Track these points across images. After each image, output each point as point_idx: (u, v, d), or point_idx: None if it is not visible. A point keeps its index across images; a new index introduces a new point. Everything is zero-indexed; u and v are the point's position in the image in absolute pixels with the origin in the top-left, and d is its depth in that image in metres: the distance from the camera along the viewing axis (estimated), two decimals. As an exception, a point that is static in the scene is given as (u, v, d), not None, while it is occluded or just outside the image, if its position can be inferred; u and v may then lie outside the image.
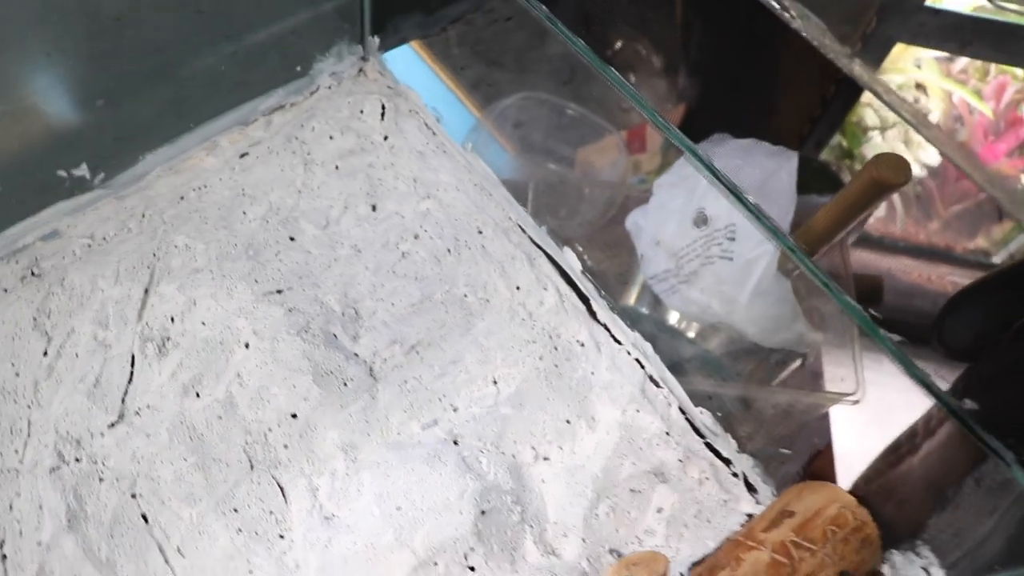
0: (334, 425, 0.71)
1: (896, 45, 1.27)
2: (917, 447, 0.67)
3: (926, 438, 0.66)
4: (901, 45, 1.30)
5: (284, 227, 0.80)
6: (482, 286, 0.79)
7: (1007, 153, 1.47)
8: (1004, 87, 1.46)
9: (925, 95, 1.47)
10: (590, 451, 0.72)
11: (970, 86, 1.48)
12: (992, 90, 1.48)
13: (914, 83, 1.49)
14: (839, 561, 0.61)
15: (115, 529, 0.66)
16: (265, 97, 0.85)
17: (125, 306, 0.74)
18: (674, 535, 0.69)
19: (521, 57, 0.94)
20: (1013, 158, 1.48)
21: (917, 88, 1.48)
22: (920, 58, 1.45)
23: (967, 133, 1.51)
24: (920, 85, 1.48)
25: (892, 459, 0.69)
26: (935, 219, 1.27)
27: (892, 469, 0.69)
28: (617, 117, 1.04)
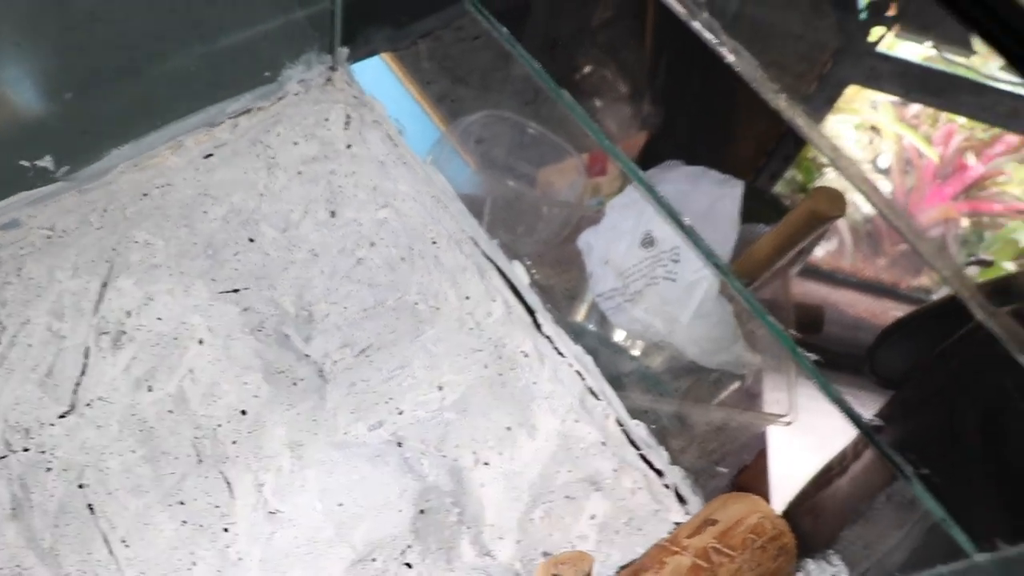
0: (282, 423, 0.73)
1: (850, 86, 1.31)
2: (845, 469, 0.71)
3: (853, 460, 0.70)
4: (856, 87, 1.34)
5: (244, 228, 0.82)
6: (433, 295, 0.81)
7: (952, 197, 1.52)
8: (951, 134, 1.51)
9: (879, 136, 1.52)
10: (529, 458, 0.74)
11: (921, 131, 1.53)
12: (941, 136, 1.52)
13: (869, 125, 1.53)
14: (756, 567, 0.64)
15: (60, 519, 0.67)
16: (233, 100, 0.87)
17: (82, 298, 0.76)
18: (605, 541, 0.72)
19: (486, 76, 0.96)
20: (958, 202, 1.53)
21: (872, 130, 1.53)
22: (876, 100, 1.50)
23: (916, 175, 1.56)
24: (874, 127, 1.53)
25: (822, 481, 0.72)
26: (882, 256, 1.32)
27: (821, 491, 0.72)
28: (580, 140, 1.07)
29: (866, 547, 0.69)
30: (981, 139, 1.50)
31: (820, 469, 0.73)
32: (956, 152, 1.53)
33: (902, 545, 0.65)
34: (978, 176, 1.48)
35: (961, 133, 1.52)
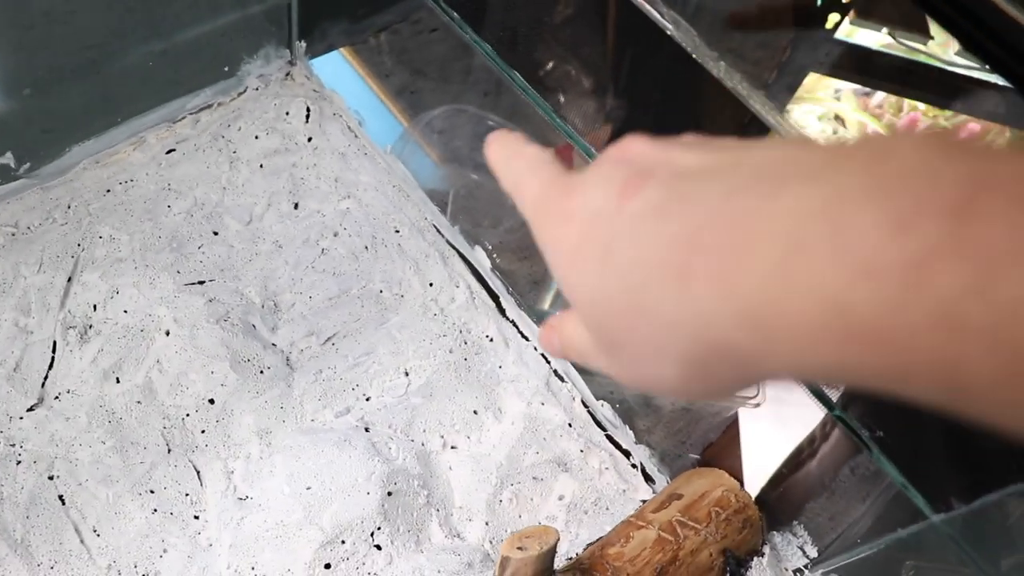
0: (250, 411, 0.73)
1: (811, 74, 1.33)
2: (815, 452, 0.72)
3: (822, 442, 0.71)
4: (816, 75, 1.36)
5: (208, 222, 0.83)
6: (397, 282, 0.82)
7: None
8: (915, 122, 1.53)
9: (843, 126, 1.54)
10: (496, 440, 0.75)
11: (884, 120, 1.55)
12: (904, 125, 1.55)
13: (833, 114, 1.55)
14: (721, 539, 0.65)
15: (31, 510, 0.68)
16: (193, 96, 0.88)
17: (48, 293, 0.76)
18: (574, 521, 0.73)
19: (445, 67, 0.97)
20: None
21: (836, 119, 1.55)
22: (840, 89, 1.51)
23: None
24: (838, 116, 1.55)
25: (794, 464, 0.73)
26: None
27: (794, 474, 0.73)
28: (544, 134, 1.08)
29: (831, 519, 0.71)
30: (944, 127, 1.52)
31: (791, 452, 0.74)
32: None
33: (867, 515, 0.66)
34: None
35: (924, 121, 1.54)
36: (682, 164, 0.25)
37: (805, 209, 0.20)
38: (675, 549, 0.64)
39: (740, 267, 0.21)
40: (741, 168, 0.23)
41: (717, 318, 0.22)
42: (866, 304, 0.19)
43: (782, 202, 0.21)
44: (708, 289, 0.22)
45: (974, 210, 0.18)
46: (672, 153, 0.26)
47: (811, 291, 0.20)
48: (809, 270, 0.20)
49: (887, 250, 0.19)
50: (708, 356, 0.24)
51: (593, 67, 1.17)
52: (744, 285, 0.21)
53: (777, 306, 0.21)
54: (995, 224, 0.18)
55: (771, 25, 0.95)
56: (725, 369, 0.24)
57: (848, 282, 0.20)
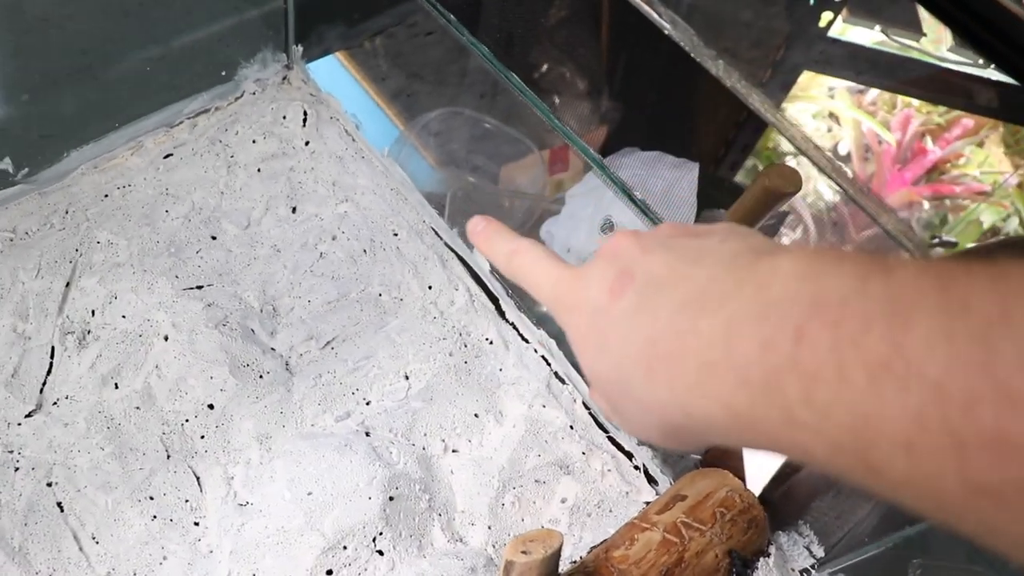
0: (250, 416, 0.73)
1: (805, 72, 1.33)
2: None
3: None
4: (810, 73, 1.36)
5: (206, 226, 0.83)
6: (396, 285, 0.82)
7: (912, 181, 1.55)
8: (909, 119, 1.54)
9: (837, 124, 1.54)
10: (497, 443, 0.75)
11: (879, 117, 1.55)
12: (898, 122, 1.55)
13: (827, 112, 1.55)
14: (727, 540, 0.65)
15: (29, 518, 0.67)
16: (190, 100, 0.87)
17: (46, 299, 0.76)
18: (577, 524, 0.73)
19: (441, 70, 0.97)
20: (919, 186, 1.55)
21: (830, 117, 1.55)
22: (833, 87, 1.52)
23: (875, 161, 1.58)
24: (833, 114, 1.55)
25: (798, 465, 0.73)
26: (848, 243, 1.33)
27: (798, 473, 0.73)
28: (540, 136, 1.08)
29: (838, 518, 0.70)
30: (938, 123, 1.52)
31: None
32: (914, 137, 1.55)
33: (873, 513, 0.66)
34: (937, 159, 1.51)
35: (918, 118, 1.54)
36: (654, 269, 0.33)
37: (713, 333, 0.28)
38: (680, 551, 0.63)
39: (677, 375, 0.30)
40: (689, 283, 0.31)
41: (669, 408, 0.31)
42: (744, 406, 0.27)
43: (702, 325, 0.29)
44: (662, 387, 0.31)
45: (806, 334, 0.25)
46: (649, 255, 0.34)
47: (713, 397, 0.28)
48: (713, 382, 0.28)
49: (754, 367, 0.26)
50: (672, 429, 0.32)
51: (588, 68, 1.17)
52: (679, 388, 0.30)
53: (699, 406, 0.29)
54: (816, 346, 0.25)
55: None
56: (688, 436, 0.32)
57: (732, 390, 0.27)
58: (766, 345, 0.26)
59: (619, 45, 1.16)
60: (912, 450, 0.22)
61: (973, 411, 0.21)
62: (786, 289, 0.27)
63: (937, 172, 1.50)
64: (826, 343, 0.24)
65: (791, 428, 0.25)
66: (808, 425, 0.25)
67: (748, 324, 0.27)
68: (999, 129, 1.42)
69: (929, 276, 0.24)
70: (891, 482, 0.24)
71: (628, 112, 1.20)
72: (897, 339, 0.23)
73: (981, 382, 0.21)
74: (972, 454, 0.21)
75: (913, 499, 0.24)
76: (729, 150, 1.28)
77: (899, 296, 0.24)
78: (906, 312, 0.23)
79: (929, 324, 0.22)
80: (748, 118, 1.23)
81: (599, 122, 1.20)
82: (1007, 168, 1.44)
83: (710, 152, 1.27)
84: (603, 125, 1.21)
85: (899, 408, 0.22)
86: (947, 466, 0.22)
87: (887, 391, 0.23)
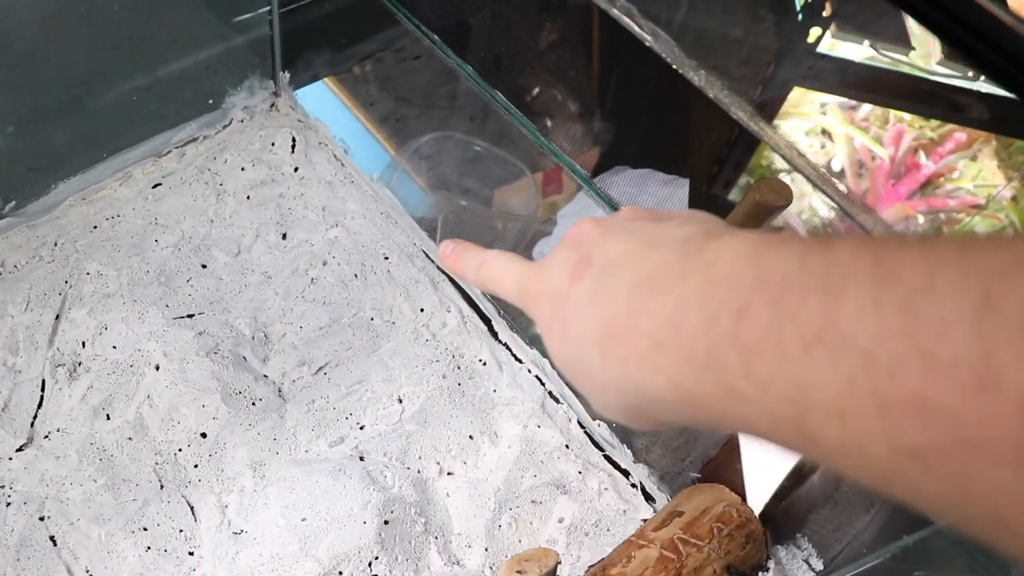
0: (243, 443, 0.72)
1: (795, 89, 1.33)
2: (816, 465, 0.71)
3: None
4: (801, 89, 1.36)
5: (196, 255, 0.82)
6: (388, 309, 0.81)
7: (907, 196, 1.55)
8: (902, 134, 1.54)
9: (830, 140, 1.55)
10: (493, 465, 0.75)
11: (871, 133, 1.55)
12: (891, 137, 1.55)
13: (820, 128, 1.56)
14: (725, 555, 0.64)
15: (22, 552, 0.66)
16: (178, 129, 0.88)
17: (36, 332, 0.76)
18: (575, 543, 0.72)
19: (429, 94, 0.98)
20: (913, 200, 1.55)
21: (823, 134, 1.55)
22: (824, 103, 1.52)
23: (869, 176, 1.58)
24: (825, 130, 1.55)
25: (796, 477, 0.73)
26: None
27: (796, 486, 0.72)
28: (535, 159, 1.08)
29: (836, 530, 0.70)
30: (931, 138, 1.53)
31: (793, 465, 0.73)
32: (908, 151, 1.55)
33: (872, 524, 0.65)
34: (931, 174, 1.51)
35: (911, 133, 1.55)
36: (611, 253, 0.33)
37: (663, 313, 0.29)
38: (678, 567, 0.63)
39: (630, 353, 0.30)
40: (643, 265, 0.32)
41: (623, 386, 0.31)
42: (688, 382, 0.28)
43: (652, 305, 0.30)
44: (617, 366, 0.31)
45: (748, 311, 0.26)
46: (608, 239, 0.34)
47: (663, 374, 0.29)
48: (662, 359, 0.29)
49: (699, 343, 0.27)
50: (630, 407, 0.32)
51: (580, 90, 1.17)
52: (631, 367, 0.30)
53: (650, 383, 0.30)
54: (756, 322, 0.25)
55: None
56: (644, 414, 0.32)
57: (679, 367, 0.28)
58: (710, 323, 0.27)
59: (610, 67, 1.16)
60: (844, 417, 0.23)
61: (897, 376, 0.22)
62: (732, 268, 0.27)
63: (931, 186, 1.50)
64: (765, 318, 0.25)
65: (734, 402, 0.26)
66: (750, 398, 0.25)
67: (695, 303, 0.28)
68: (992, 142, 1.42)
69: (865, 249, 0.24)
70: (825, 450, 0.24)
71: (620, 133, 1.20)
72: (830, 310, 0.24)
73: (905, 348, 0.22)
74: (897, 418, 0.22)
75: (846, 466, 0.24)
76: (722, 168, 1.29)
77: (834, 269, 0.24)
78: (840, 284, 0.24)
79: (860, 294, 0.23)
80: (740, 135, 1.24)
81: (592, 143, 1.20)
82: (1000, 181, 1.44)
83: (703, 171, 1.27)
84: (596, 146, 1.21)
85: (831, 377, 0.23)
86: (875, 431, 0.22)
87: (820, 361, 0.23)
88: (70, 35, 0.77)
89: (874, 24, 1.17)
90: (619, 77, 1.18)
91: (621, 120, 1.19)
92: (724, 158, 1.28)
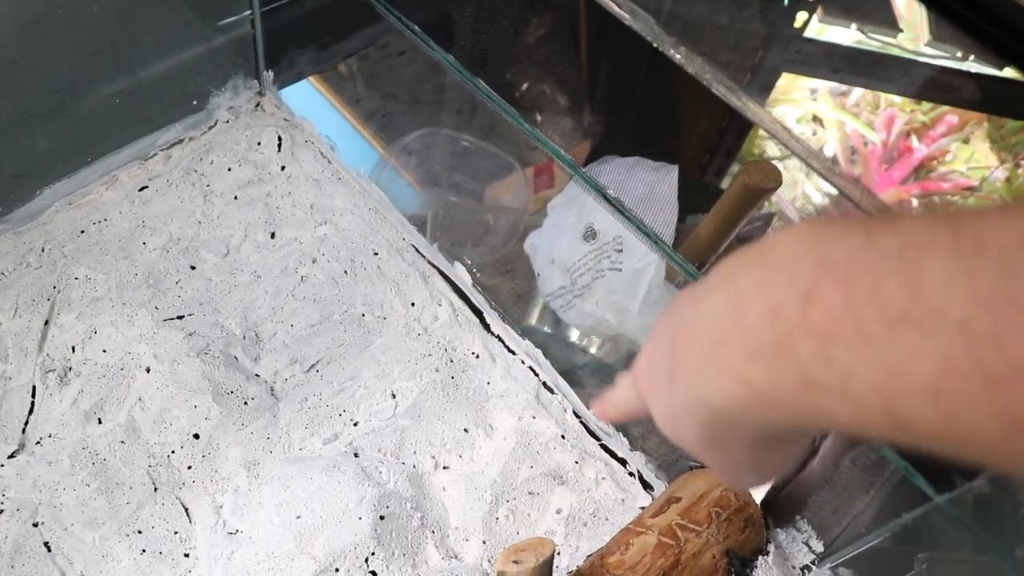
0: (236, 443, 0.72)
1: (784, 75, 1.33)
2: (816, 450, 0.71)
3: (822, 439, 0.70)
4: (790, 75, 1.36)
5: (184, 256, 0.82)
6: (379, 304, 0.81)
7: (900, 180, 1.54)
8: (893, 119, 1.53)
9: (822, 127, 1.54)
10: (488, 457, 0.74)
11: (863, 118, 1.55)
12: (883, 122, 1.55)
13: (811, 115, 1.55)
14: (724, 540, 0.64)
15: (16, 560, 0.66)
16: (164, 132, 0.87)
17: (25, 338, 0.75)
18: (573, 534, 0.72)
19: (415, 89, 0.97)
20: (907, 184, 1.55)
21: (814, 120, 1.55)
22: (816, 89, 1.52)
23: (862, 162, 1.57)
24: (816, 117, 1.55)
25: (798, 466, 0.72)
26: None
27: (794, 471, 0.72)
28: (525, 154, 1.07)
29: (836, 512, 0.69)
30: (923, 121, 1.52)
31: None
32: (900, 136, 1.55)
33: (871, 505, 0.65)
34: (924, 157, 1.50)
35: (902, 117, 1.54)
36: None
37: (721, 309, 0.28)
38: (676, 553, 0.62)
39: (690, 362, 0.29)
40: (697, 289, 0.31)
41: (691, 403, 0.30)
42: (758, 376, 0.26)
43: (707, 304, 0.29)
44: (680, 381, 0.31)
45: (816, 294, 0.24)
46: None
47: (727, 373, 0.28)
48: (725, 356, 0.28)
49: (765, 333, 0.26)
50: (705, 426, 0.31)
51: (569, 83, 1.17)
52: (693, 375, 0.29)
53: (714, 386, 0.28)
54: (828, 305, 0.24)
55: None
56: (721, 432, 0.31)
57: (745, 362, 0.27)
58: (774, 312, 0.26)
59: (599, 59, 1.16)
60: (941, 397, 0.22)
61: (1002, 344, 0.21)
62: (790, 254, 0.26)
63: (924, 170, 1.49)
64: (838, 301, 0.24)
65: (809, 391, 0.25)
66: (828, 386, 0.24)
67: (754, 294, 0.27)
68: (984, 124, 1.42)
69: (938, 222, 0.23)
70: (922, 434, 0.23)
71: (611, 125, 1.20)
72: (913, 286, 0.22)
73: (1008, 313, 0.21)
74: (1004, 389, 0.21)
75: (948, 446, 0.23)
76: (714, 156, 1.28)
77: (909, 244, 0.23)
78: (918, 259, 0.23)
79: (945, 266, 0.22)
80: (730, 122, 1.23)
81: (582, 136, 1.20)
82: (993, 162, 1.44)
83: (695, 159, 1.27)
84: (586, 139, 1.21)
85: (923, 355, 0.22)
86: (979, 407, 0.21)
87: (909, 340, 0.22)
88: (52, 40, 0.76)
89: (860, 7, 1.16)
90: (608, 69, 1.18)
91: (611, 112, 1.19)
92: (715, 146, 1.27)
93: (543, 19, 1.15)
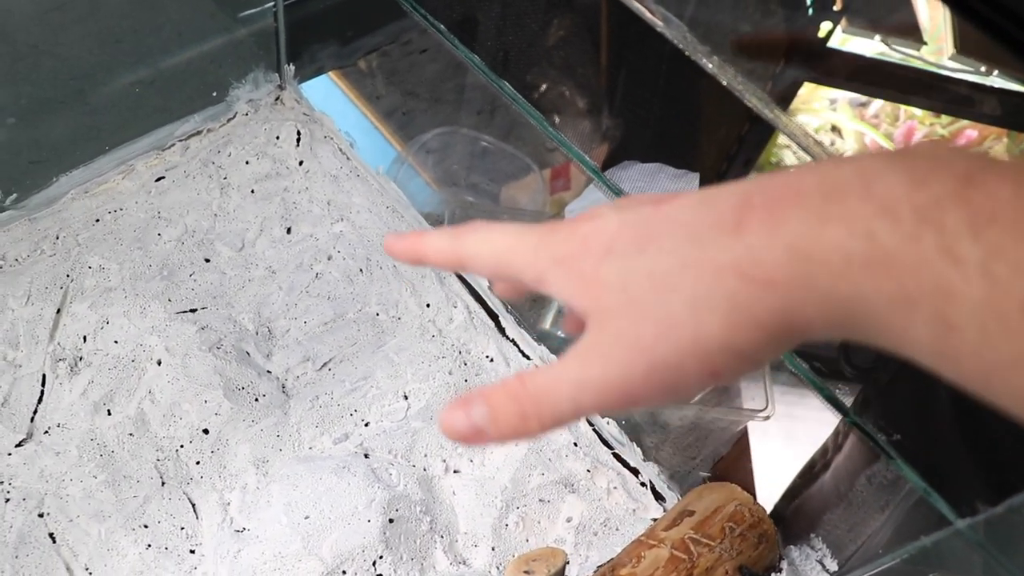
0: (246, 440, 0.71)
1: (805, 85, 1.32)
2: (828, 464, 0.70)
3: (835, 453, 0.69)
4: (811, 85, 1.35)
5: (199, 249, 0.81)
6: (393, 304, 0.80)
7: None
8: (912, 131, 1.52)
9: (840, 137, 1.53)
10: (500, 463, 0.73)
11: (882, 130, 1.54)
12: (902, 134, 1.54)
13: (830, 125, 1.54)
14: (737, 556, 0.63)
15: (20, 550, 0.65)
16: (182, 122, 0.86)
17: (36, 326, 0.75)
18: (583, 543, 0.71)
19: (436, 88, 0.96)
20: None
21: (833, 131, 1.54)
22: (836, 100, 1.51)
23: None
24: (835, 127, 1.54)
25: (808, 477, 0.71)
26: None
27: (808, 486, 0.71)
28: (543, 156, 1.06)
29: (850, 530, 0.68)
30: (942, 135, 1.51)
31: (804, 464, 0.72)
32: (918, 150, 1.53)
33: (887, 524, 0.64)
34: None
35: (922, 130, 1.53)
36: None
37: (838, 174, 0.25)
38: (689, 568, 0.61)
39: (786, 212, 0.26)
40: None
41: (765, 253, 0.26)
42: (886, 234, 0.24)
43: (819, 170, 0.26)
44: (757, 234, 0.26)
45: (978, 179, 0.23)
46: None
47: (844, 223, 0.24)
48: (843, 209, 0.25)
49: (905, 197, 0.24)
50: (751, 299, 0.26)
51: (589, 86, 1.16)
52: (791, 223, 0.25)
53: (817, 238, 0.25)
54: (994, 188, 0.22)
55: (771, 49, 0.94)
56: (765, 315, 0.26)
57: (873, 214, 0.24)
58: (919, 181, 0.23)
59: (619, 63, 1.15)
60: None
61: None
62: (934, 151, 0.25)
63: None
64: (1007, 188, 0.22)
65: (943, 263, 0.23)
66: (967, 261, 0.22)
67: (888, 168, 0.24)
68: (1003, 139, 1.40)
69: None
70: None
71: (630, 129, 1.19)
72: None
73: None
74: None
75: None
76: (731, 165, 1.27)
77: None
78: None
79: None
80: (750, 131, 1.22)
81: (601, 140, 1.19)
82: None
83: (713, 167, 1.26)
84: (605, 142, 1.20)
85: None
86: None
87: None
88: (73, 27, 0.76)
89: (885, 19, 1.15)
90: (628, 73, 1.17)
91: (630, 116, 1.18)
92: (734, 154, 1.26)
93: (563, 21, 1.14)
